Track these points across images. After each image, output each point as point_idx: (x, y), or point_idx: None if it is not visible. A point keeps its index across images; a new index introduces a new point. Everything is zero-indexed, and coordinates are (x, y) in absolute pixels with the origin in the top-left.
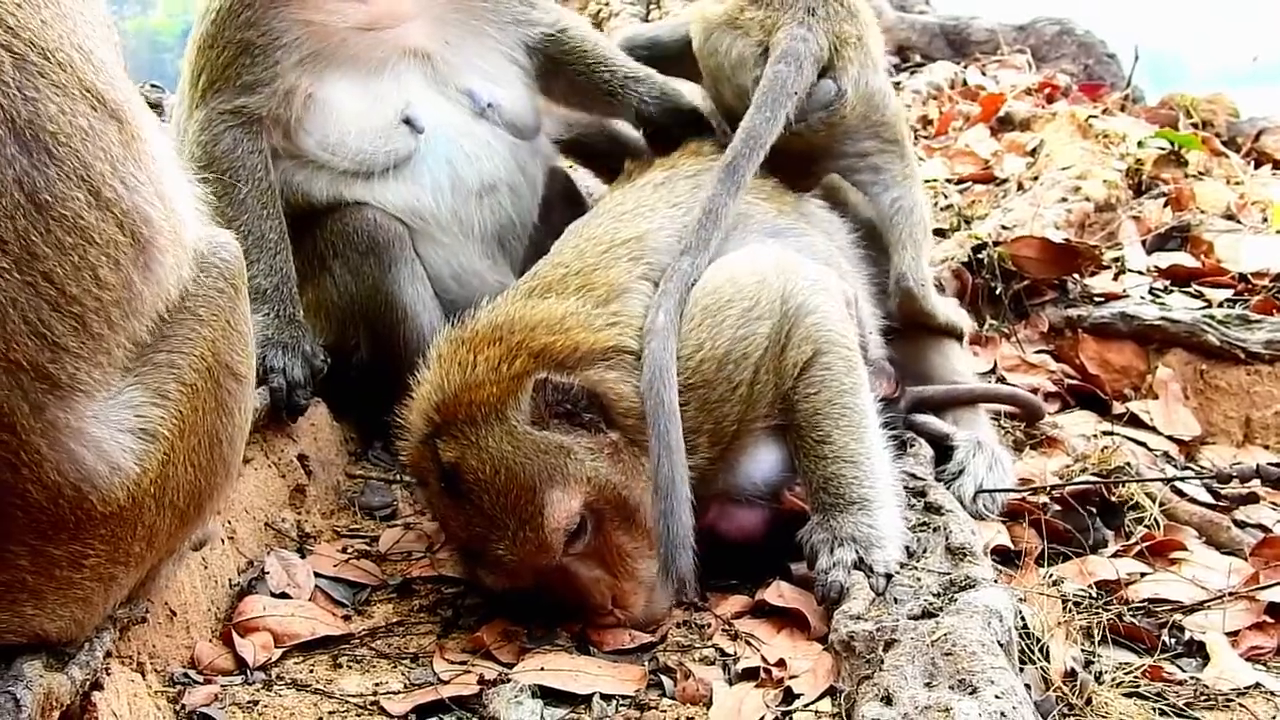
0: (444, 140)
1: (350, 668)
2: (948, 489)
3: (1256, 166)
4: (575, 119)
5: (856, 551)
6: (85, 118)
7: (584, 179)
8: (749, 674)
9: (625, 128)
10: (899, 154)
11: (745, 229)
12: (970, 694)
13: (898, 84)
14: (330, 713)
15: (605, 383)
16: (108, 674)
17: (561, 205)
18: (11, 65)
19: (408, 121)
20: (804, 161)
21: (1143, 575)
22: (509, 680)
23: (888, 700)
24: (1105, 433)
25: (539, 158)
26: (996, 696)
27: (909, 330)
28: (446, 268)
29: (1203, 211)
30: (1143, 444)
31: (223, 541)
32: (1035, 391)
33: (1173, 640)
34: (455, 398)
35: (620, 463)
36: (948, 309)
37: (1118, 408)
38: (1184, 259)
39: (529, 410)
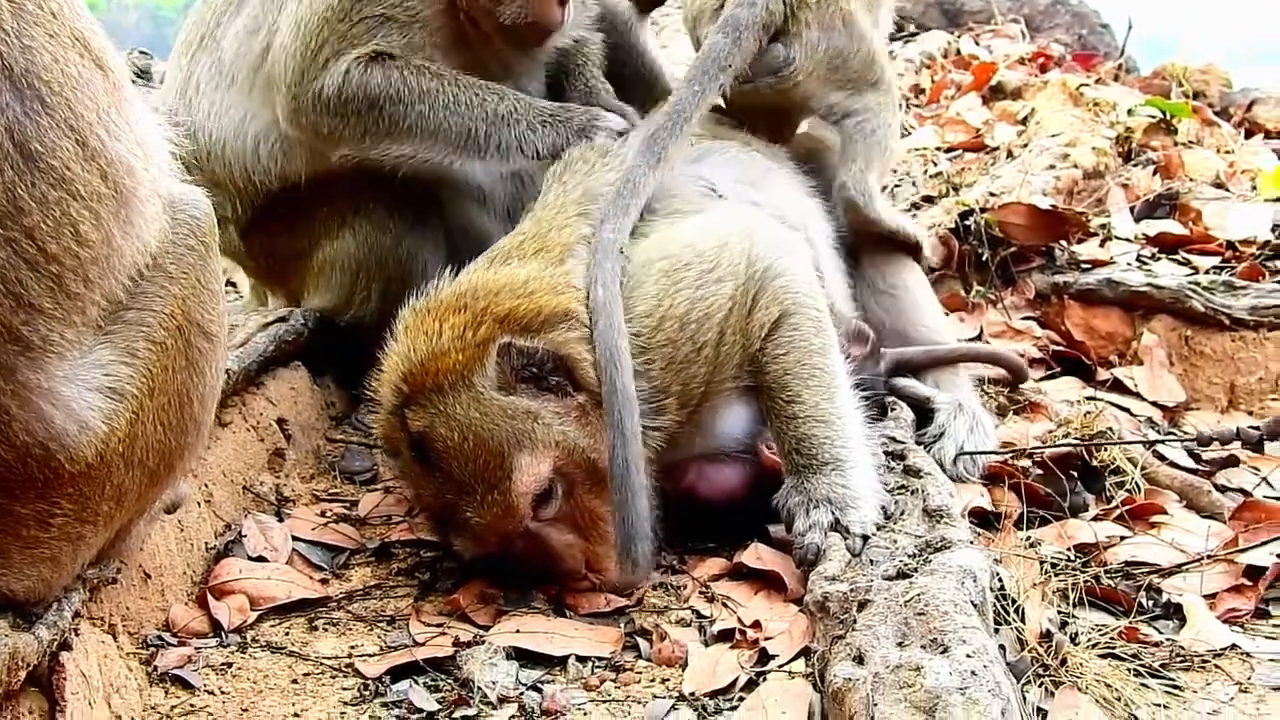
0: None
1: (326, 630)
2: (928, 452)
3: (1248, 136)
4: None
5: (832, 513)
6: (75, 66)
7: None
8: (724, 635)
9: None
10: (875, 90)
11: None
12: (941, 653)
13: (891, 53)
14: (304, 674)
15: (569, 345)
16: (77, 635)
17: None
18: (10, 13)
19: None
20: (774, 116)
21: (1122, 539)
22: (484, 642)
23: (859, 660)
24: (1089, 398)
25: None
26: (967, 655)
27: (865, 253)
28: (456, 223)
29: (1191, 179)
30: (1126, 410)
31: (199, 505)
32: (1020, 356)
33: (1150, 602)
34: (422, 367)
35: (588, 425)
36: (897, 217)
37: (1103, 374)
38: (1172, 226)
39: (495, 376)
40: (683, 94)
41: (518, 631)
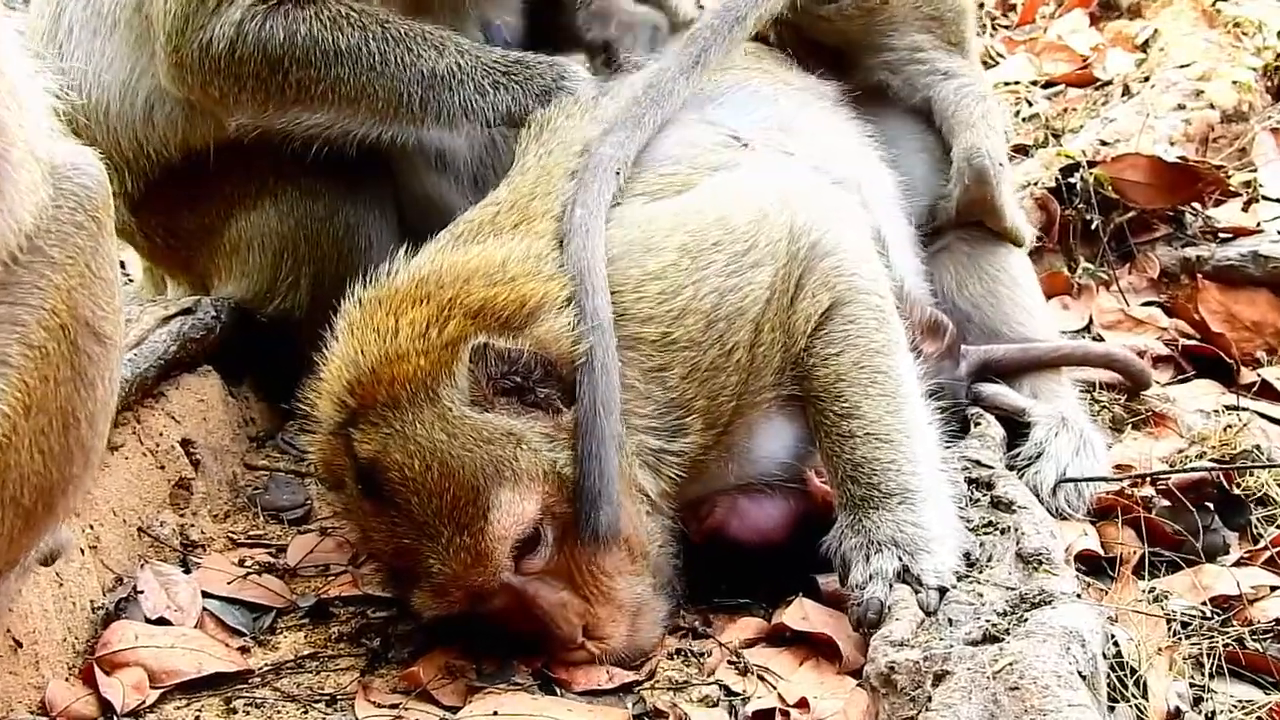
0: None
1: (247, 713)
2: (1021, 479)
3: None
4: None
5: (899, 558)
6: None
7: None
8: (762, 718)
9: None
10: (963, 55)
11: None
12: None
13: None
14: None
15: (559, 341)
16: None
17: None
18: None
19: None
20: (841, 55)
21: (1272, 589)
22: None
23: None
24: (1230, 407)
25: None
26: None
27: (957, 236)
28: (409, 190)
29: None
30: (1277, 422)
31: (82, 552)
32: (1141, 354)
33: None
34: (373, 375)
35: None
36: (1018, 212)
37: (1247, 375)
38: None
39: (467, 387)
40: None
41: (495, 714)
